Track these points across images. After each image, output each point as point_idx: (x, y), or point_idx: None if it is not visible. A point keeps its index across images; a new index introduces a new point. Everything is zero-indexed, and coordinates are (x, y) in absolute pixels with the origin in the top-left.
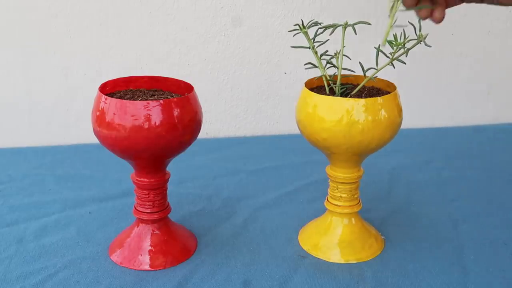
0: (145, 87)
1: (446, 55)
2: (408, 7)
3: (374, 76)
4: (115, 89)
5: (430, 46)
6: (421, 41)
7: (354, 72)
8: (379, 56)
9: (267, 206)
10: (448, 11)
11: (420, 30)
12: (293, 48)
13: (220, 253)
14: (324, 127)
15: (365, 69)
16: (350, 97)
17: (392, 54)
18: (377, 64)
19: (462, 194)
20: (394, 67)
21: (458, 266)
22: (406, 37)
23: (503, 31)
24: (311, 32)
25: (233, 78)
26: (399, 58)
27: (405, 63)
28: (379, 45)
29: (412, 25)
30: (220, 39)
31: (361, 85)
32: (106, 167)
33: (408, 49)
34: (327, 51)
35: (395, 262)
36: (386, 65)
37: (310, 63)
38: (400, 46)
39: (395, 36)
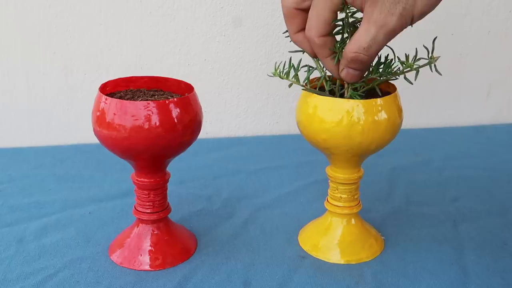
0: (145, 87)
1: (446, 55)
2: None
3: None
4: (115, 89)
5: (441, 74)
6: (431, 63)
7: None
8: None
9: (267, 206)
10: (448, 11)
11: (432, 52)
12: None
13: (220, 253)
14: (324, 128)
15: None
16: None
17: (400, 71)
18: (380, 76)
19: (462, 194)
20: (398, 78)
21: (458, 266)
22: (417, 58)
23: (503, 31)
24: None
25: (233, 78)
26: (406, 77)
27: (412, 83)
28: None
29: (426, 48)
30: (220, 39)
31: (362, 89)
32: (106, 167)
33: (418, 70)
34: None
35: (395, 262)
36: (391, 79)
37: (307, 65)
38: (409, 68)
39: (406, 57)
